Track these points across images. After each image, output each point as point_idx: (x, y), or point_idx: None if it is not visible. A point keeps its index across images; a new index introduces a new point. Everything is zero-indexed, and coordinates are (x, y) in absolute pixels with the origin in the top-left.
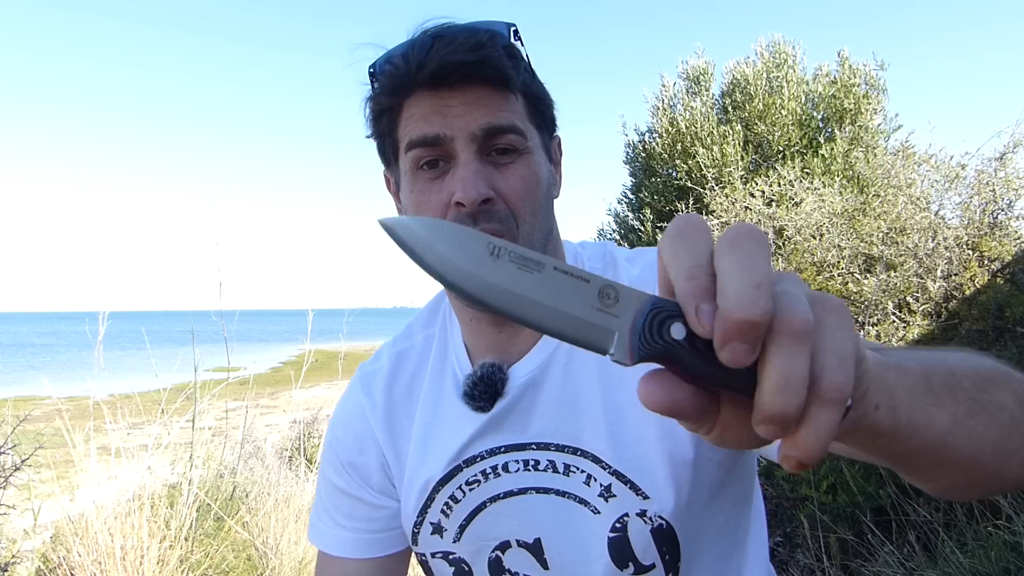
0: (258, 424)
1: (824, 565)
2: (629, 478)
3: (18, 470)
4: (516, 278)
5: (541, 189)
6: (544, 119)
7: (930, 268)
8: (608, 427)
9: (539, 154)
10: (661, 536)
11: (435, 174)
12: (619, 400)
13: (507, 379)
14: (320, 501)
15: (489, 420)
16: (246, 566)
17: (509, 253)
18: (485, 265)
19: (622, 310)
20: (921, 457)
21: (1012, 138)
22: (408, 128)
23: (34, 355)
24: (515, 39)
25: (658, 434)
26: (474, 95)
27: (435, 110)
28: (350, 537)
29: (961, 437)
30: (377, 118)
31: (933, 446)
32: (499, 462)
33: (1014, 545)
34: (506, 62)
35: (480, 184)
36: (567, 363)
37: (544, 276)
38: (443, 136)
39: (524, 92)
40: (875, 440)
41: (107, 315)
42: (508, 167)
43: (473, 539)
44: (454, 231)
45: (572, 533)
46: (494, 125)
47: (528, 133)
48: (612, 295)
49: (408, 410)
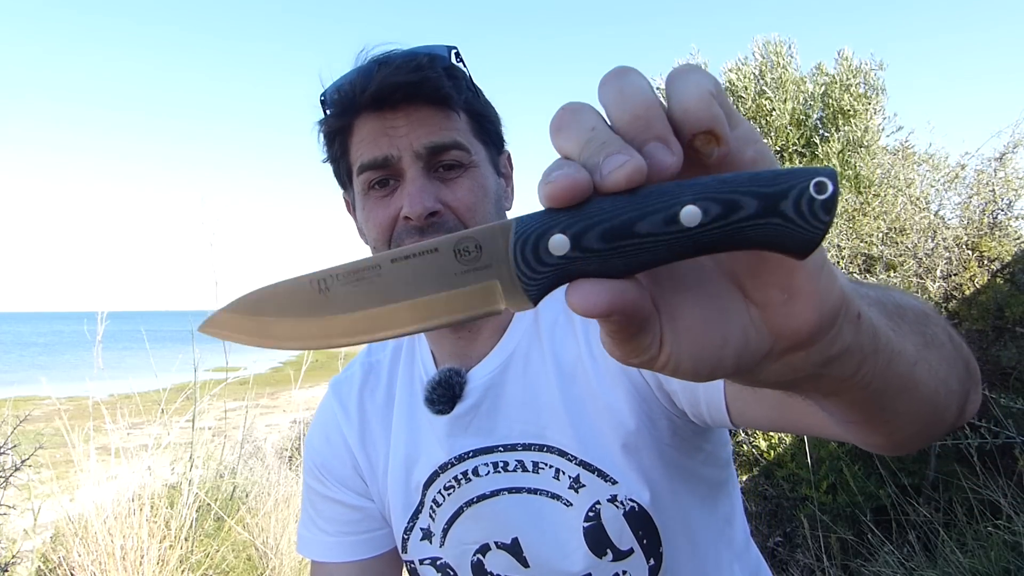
0: (258, 424)
1: (824, 565)
2: (595, 466)
3: (18, 470)
4: (357, 297)
5: (489, 200)
6: (489, 135)
7: (930, 268)
8: (569, 420)
9: (486, 168)
10: (635, 519)
11: (385, 192)
12: (575, 394)
13: (465, 382)
14: (304, 510)
15: (455, 424)
16: (246, 566)
17: (336, 277)
18: (317, 306)
19: (491, 256)
20: (895, 394)
21: (1012, 138)
22: (359, 151)
23: (34, 355)
24: (456, 60)
25: (612, 424)
26: (417, 115)
27: (381, 132)
28: (333, 542)
29: (923, 370)
30: (330, 142)
31: (905, 379)
32: (469, 467)
33: (1014, 545)
34: (445, 82)
35: (427, 198)
36: (525, 363)
37: (384, 276)
38: (391, 157)
39: (467, 110)
40: (861, 365)
41: (106, 315)
42: (455, 181)
43: (455, 543)
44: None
45: (548, 529)
46: (437, 143)
47: (472, 148)
48: (471, 248)
49: (384, 418)
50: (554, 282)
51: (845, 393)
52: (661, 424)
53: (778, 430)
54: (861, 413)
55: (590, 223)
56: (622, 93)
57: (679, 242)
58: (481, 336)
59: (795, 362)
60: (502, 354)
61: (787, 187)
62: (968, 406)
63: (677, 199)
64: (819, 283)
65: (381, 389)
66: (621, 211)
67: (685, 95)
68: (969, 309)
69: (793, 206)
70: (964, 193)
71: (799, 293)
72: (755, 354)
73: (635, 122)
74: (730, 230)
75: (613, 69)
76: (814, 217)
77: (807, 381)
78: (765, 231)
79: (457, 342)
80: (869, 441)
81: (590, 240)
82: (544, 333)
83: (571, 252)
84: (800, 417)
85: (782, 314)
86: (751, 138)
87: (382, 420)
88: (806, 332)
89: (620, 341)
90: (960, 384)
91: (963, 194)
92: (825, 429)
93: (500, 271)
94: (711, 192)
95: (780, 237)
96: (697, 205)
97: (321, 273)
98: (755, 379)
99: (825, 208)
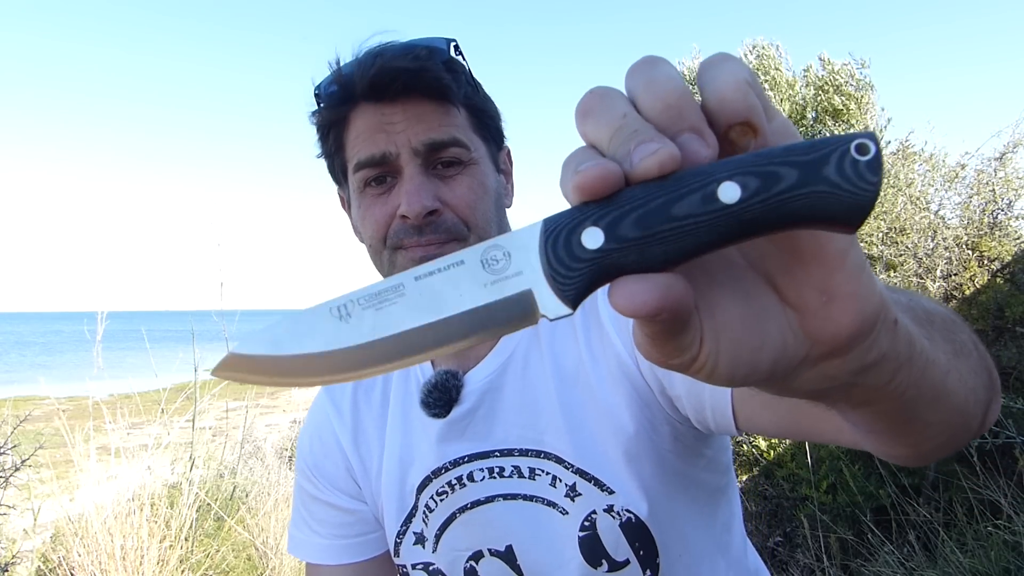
0: (258, 424)
1: (824, 565)
2: (592, 475)
3: (18, 470)
4: (381, 321)
5: (490, 198)
6: (489, 131)
7: (930, 268)
8: (567, 426)
9: (486, 164)
10: (632, 531)
11: (382, 189)
12: (574, 400)
13: (462, 385)
14: (296, 511)
15: (450, 428)
16: (246, 566)
17: (357, 303)
18: (343, 334)
19: (521, 262)
20: (928, 404)
21: (1012, 138)
22: (355, 147)
23: (34, 355)
24: (456, 53)
25: (612, 430)
26: (415, 110)
27: (378, 127)
28: (326, 544)
29: (954, 379)
30: (324, 135)
31: (938, 388)
32: (464, 472)
33: (1014, 545)
34: (444, 74)
35: (425, 197)
36: (524, 366)
37: (409, 295)
38: (388, 154)
39: (466, 105)
40: (896, 374)
41: (106, 315)
42: (454, 179)
43: (448, 549)
44: (291, 325)
45: (543, 537)
46: (436, 140)
47: (472, 145)
48: (499, 256)
49: (379, 419)
50: (592, 280)
51: (877, 403)
52: (663, 430)
53: (787, 437)
54: (890, 423)
55: (624, 211)
56: (653, 82)
57: (721, 221)
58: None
59: (830, 370)
60: (500, 356)
61: (827, 152)
62: (989, 415)
63: (713, 176)
64: (860, 285)
65: (376, 389)
66: (655, 195)
67: (721, 84)
68: (969, 309)
69: (836, 170)
70: (964, 193)
71: (838, 295)
72: (791, 359)
73: (667, 111)
74: (773, 203)
75: (642, 58)
76: (861, 179)
77: (839, 390)
78: (810, 201)
79: None
80: (892, 452)
81: (625, 229)
82: (543, 334)
83: (606, 244)
84: (813, 424)
85: (820, 317)
86: (788, 131)
87: (376, 421)
88: (844, 337)
89: (662, 342)
90: (985, 393)
91: (963, 194)
92: (840, 436)
93: (533, 276)
94: (748, 166)
95: (828, 206)
96: (735, 181)
97: (341, 300)
98: (788, 387)
99: (871, 168)
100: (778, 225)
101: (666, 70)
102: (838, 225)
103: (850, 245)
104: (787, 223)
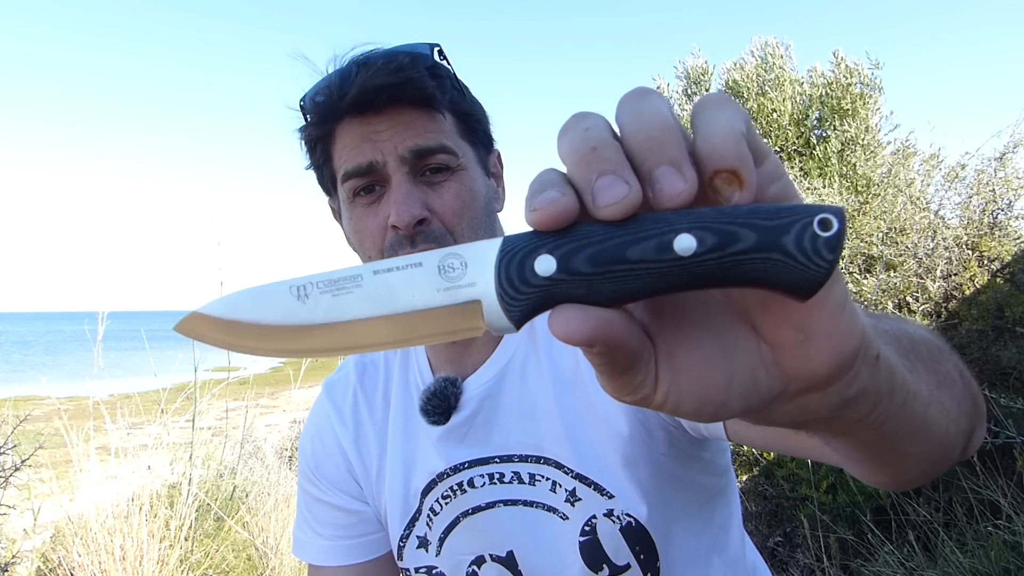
0: (258, 424)
1: (824, 565)
2: (592, 479)
3: (18, 470)
4: (335, 307)
5: (479, 204)
6: (477, 135)
7: (930, 268)
8: (566, 432)
9: (474, 170)
10: (632, 535)
11: (371, 199)
12: (572, 405)
13: (461, 392)
14: (300, 513)
15: (450, 434)
16: (246, 566)
17: (316, 285)
18: (297, 313)
19: (476, 274)
20: (907, 436)
21: (1012, 138)
22: (342, 158)
23: (34, 355)
24: (440, 58)
25: (609, 436)
26: (400, 118)
27: (365, 137)
28: (329, 546)
29: (936, 411)
30: (312, 149)
31: (918, 420)
32: (464, 478)
33: (1014, 545)
34: (428, 82)
35: (413, 206)
36: (522, 373)
37: (366, 287)
38: (375, 163)
39: (452, 110)
40: (875, 407)
41: (107, 315)
42: (442, 185)
43: (451, 553)
44: (252, 295)
45: (543, 542)
46: (422, 147)
47: (460, 150)
48: (456, 264)
49: (380, 421)
50: (538, 305)
51: (856, 434)
52: (658, 435)
53: (775, 451)
54: (869, 453)
55: (579, 245)
56: (639, 113)
57: (672, 271)
58: (477, 343)
59: (808, 404)
60: (499, 363)
61: (790, 221)
62: (972, 442)
63: (672, 227)
64: (839, 323)
65: (376, 391)
66: (613, 235)
67: (714, 130)
68: (969, 309)
69: (795, 241)
70: (964, 193)
71: (816, 334)
72: (765, 396)
73: (648, 143)
74: (727, 263)
75: (633, 89)
76: (816, 254)
77: (819, 422)
78: (764, 267)
79: (452, 348)
80: (873, 478)
81: (578, 263)
82: (541, 341)
83: (557, 274)
84: (798, 443)
85: (797, 356)
86: (776, 174)
87: (377, 422)
88: (822, 375)
89: (609, 376)
90: (968, 422)
91: (963, 194)
92: (825, 457)
93: (484, 289)
94: (708, 222)
95: (780, 274)
96: (692, 234)
97: (302, 279)
98: (766, 419)
99: (829, 246)
100: (729, 283)
101: (654, 102)
102: (788, 294)
103: (832, 282)
104: (738, 282)
